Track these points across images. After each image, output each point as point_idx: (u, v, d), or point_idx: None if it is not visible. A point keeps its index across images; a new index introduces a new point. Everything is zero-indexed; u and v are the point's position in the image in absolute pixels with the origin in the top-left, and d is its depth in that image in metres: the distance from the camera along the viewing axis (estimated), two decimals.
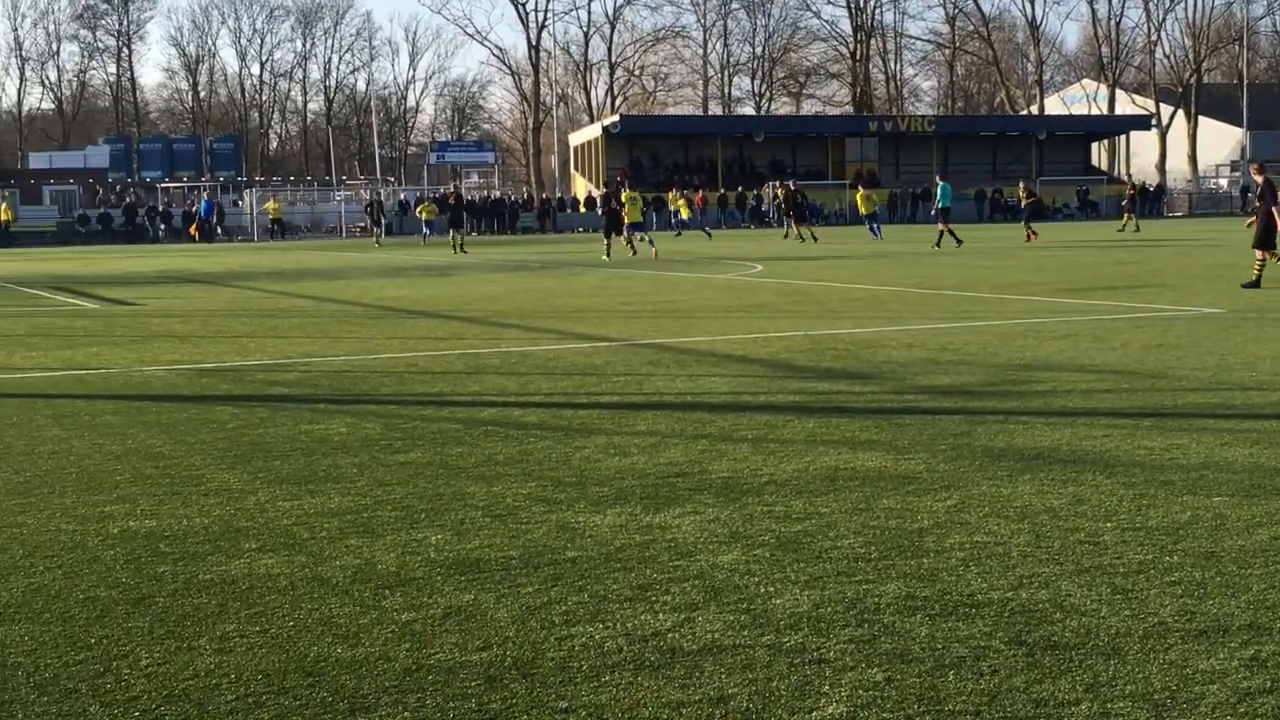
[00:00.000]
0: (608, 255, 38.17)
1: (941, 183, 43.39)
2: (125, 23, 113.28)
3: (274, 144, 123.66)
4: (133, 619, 5.28)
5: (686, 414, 10.14)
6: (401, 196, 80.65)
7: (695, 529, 6.54)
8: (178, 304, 23.38)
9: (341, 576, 5.83)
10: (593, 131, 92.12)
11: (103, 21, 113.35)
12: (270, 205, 75.18)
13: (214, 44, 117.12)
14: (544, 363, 13.48)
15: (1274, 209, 21.82)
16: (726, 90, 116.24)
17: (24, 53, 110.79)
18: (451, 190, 62.71)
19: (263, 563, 6.07)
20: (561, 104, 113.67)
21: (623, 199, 39.95)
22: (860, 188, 52.57)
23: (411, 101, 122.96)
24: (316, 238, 74.24)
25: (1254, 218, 22.81)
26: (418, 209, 61.22)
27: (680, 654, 4.78)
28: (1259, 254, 21.92)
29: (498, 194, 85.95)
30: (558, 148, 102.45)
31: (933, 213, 42.15)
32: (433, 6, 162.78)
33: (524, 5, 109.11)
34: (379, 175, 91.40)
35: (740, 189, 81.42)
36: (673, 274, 29.92)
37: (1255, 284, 20.99)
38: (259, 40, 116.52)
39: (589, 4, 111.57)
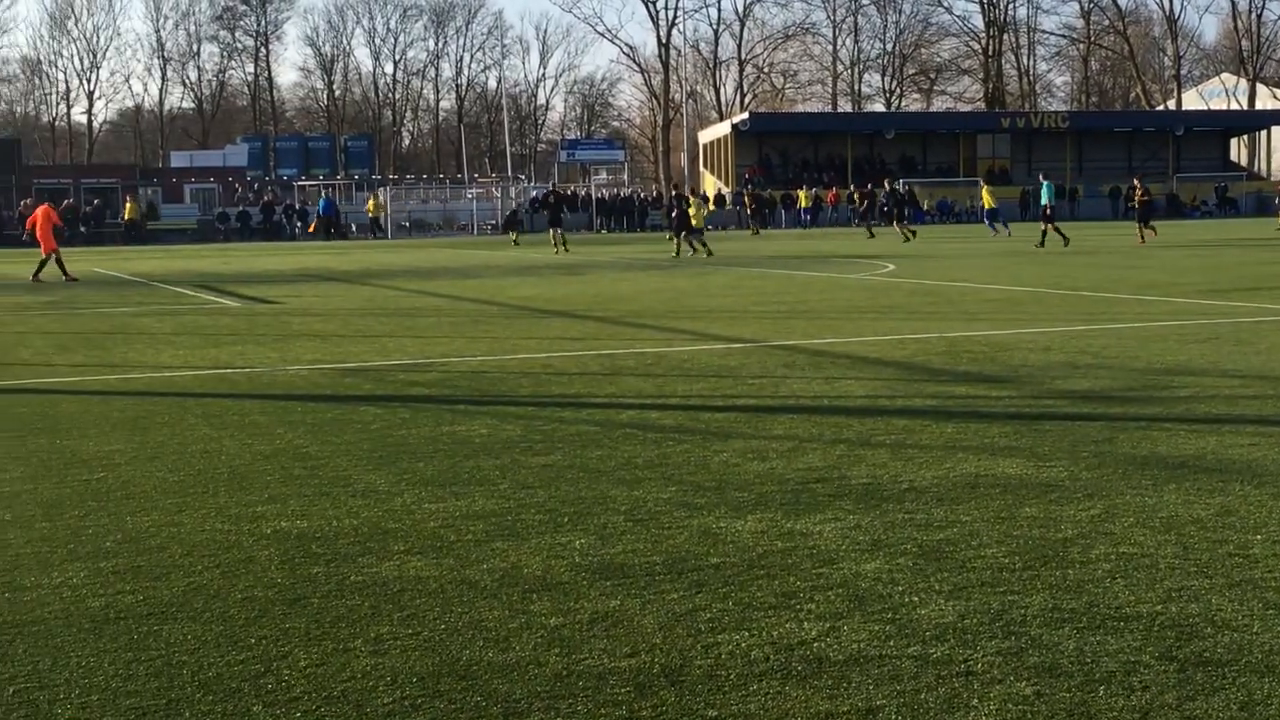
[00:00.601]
0: (677, 254, 39.94)
1: (1045, 181, 44.12)
2: (263, 23, 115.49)
3: (406, 141, 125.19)
4: (290, 619, 5.42)
5: (824, 418, 10.14)
6: (533, 194, 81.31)
7: (837, 536, 6.56)
8: (317, 302, 23.78)
9: (489, 580, 5.93)
10: (722, 129, 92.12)
11: (241, 22, 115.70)
12: (370, 204, 76.27)
13: (349, 43, 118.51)
14: (679, 364, 13.55)
15: None
16: (856, 87, 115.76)
17: (165, 53, 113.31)
18: (550, 189, 63.72)
19: (412, 565, 6.19)
20: (691, 101, 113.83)
21: (690, 203, 42.20)
22: (985, 184, 53.41)
23: (542, 99, 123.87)
24: (449, 235, 75.01)
25: None
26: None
27: (827, 663, 4.81)
28: None
29: (627, 191, 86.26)
30: (687, 145, 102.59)
31: (1046, 212, 42.31)
32: (563, 5, 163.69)
33: (654, 3, 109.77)
34: (510, 173, 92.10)
35: (869, 186, 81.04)
36: (803, 273, 29.88)
37: None
38: (392, 39, 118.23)
39: (719, 1, 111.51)
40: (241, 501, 7.57)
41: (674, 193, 48.79)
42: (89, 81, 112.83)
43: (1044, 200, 42.95)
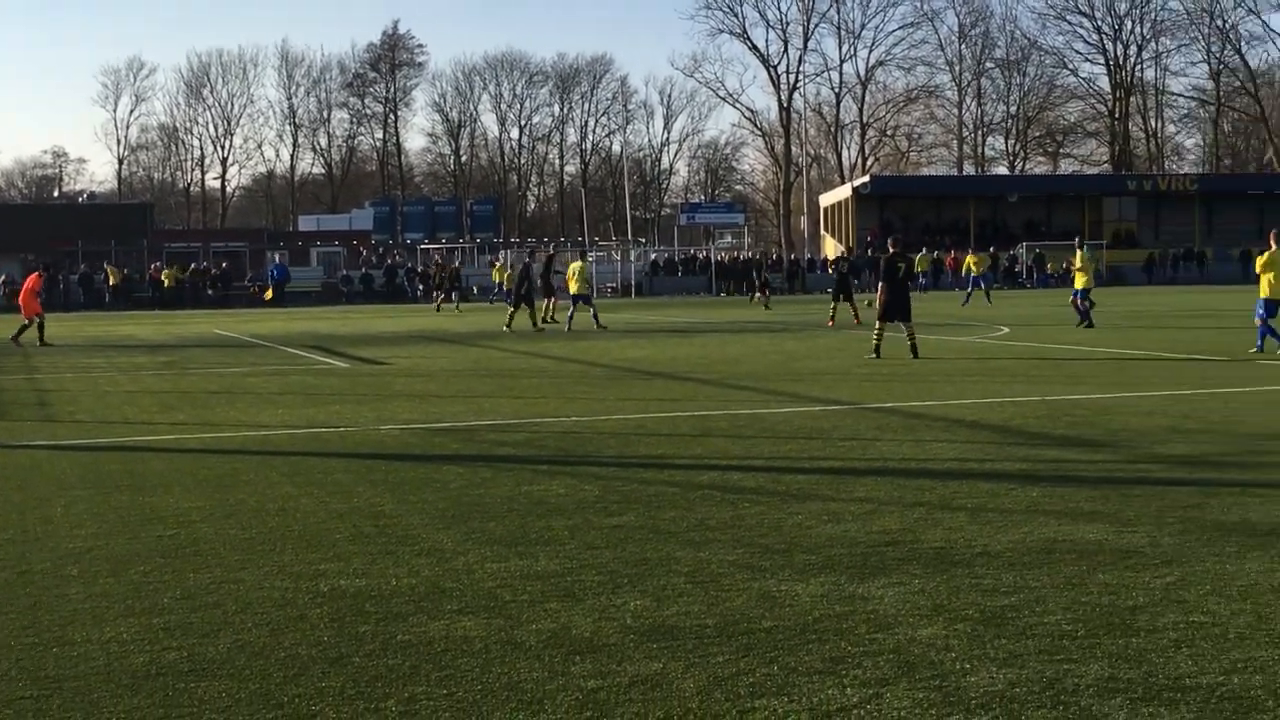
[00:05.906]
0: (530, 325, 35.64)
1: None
2: (392, 90, 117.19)
3: (531, 206, 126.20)
4: (327, 678, 5.38)
5: (907, 480, 9.96)
6: (652, 257, 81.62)
7: (897, 601, 6.40)
8: (424, 363, 23.91)
9: (535, 641, 5.85)
10: (843, 192, 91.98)
11: (371, 89, 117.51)
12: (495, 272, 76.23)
13: (475, 109, 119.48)
14: (771, 426, 13.40)
15: None
16: (980, 150, 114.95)
17: (297, 120, 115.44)
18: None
19: (460, 625, 6.12)
20: (813, 165, 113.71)
21: (570, 269, 36.94)
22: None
23: (665, 163, 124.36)
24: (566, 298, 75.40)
25: None
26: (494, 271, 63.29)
27: None
28: None
29: (747, 255, 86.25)
30: (808, 208, 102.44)
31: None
32: (686, 70, 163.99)
33: (776, 68, 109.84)
34: (630, 236, 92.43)
35: (992, 249, 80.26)
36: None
37: None
38: (519, 105, 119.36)
39: (841, 66, 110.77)
40: (305, 559, 7.57)
41: (527, 259, 39.29)
42: (223, 148, 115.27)
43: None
